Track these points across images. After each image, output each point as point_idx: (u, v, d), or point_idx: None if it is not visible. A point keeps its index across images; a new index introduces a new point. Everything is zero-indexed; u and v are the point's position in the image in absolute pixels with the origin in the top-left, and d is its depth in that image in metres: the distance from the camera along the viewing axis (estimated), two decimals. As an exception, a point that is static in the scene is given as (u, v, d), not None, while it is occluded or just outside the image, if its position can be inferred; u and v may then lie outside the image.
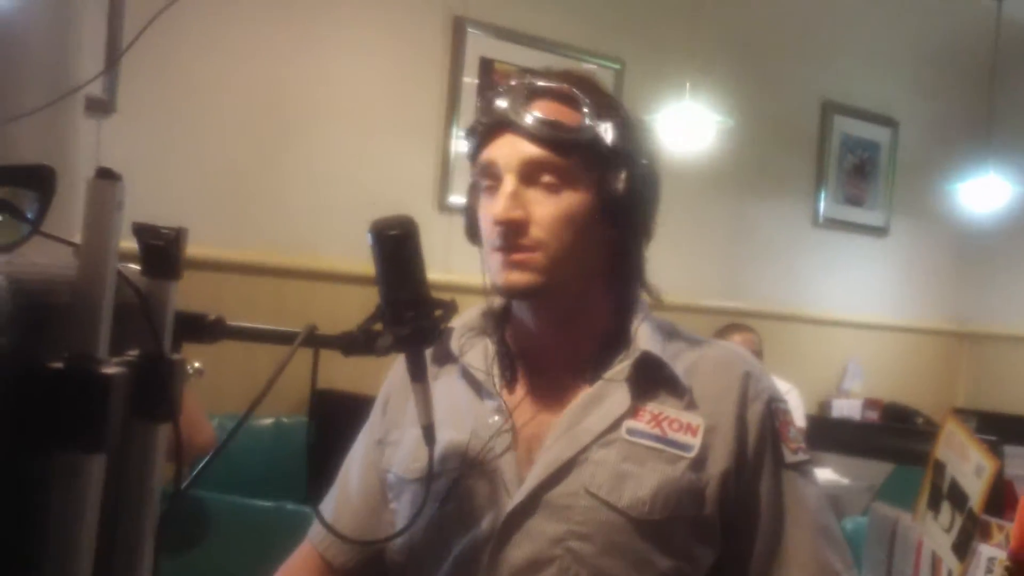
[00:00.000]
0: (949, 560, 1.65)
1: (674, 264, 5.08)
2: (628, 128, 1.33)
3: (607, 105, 1.32)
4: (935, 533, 1.71)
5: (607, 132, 1.30)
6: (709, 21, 5.14)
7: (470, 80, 4.47)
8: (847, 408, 5.77)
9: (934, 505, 1.74)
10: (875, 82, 5.97)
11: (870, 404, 5.83)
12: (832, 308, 5.85)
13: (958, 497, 1.66)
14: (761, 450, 1.32)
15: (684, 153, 4.57)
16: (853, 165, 5.94)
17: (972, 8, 5.79)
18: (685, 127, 4.46)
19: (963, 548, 1.62)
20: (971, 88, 6.24)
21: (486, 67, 4.49)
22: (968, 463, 1.66)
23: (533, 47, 4.58)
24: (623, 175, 1.30)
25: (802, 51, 5.60)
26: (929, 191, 6.04)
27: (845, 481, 4.31)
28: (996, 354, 6.44)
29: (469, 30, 4.48)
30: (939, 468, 1.74)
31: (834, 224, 5.88)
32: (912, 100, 6.12)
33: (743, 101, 5.07)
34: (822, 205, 5.82)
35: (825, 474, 4.33)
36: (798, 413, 4.72)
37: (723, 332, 4.47)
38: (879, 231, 6.09)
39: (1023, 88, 6.29)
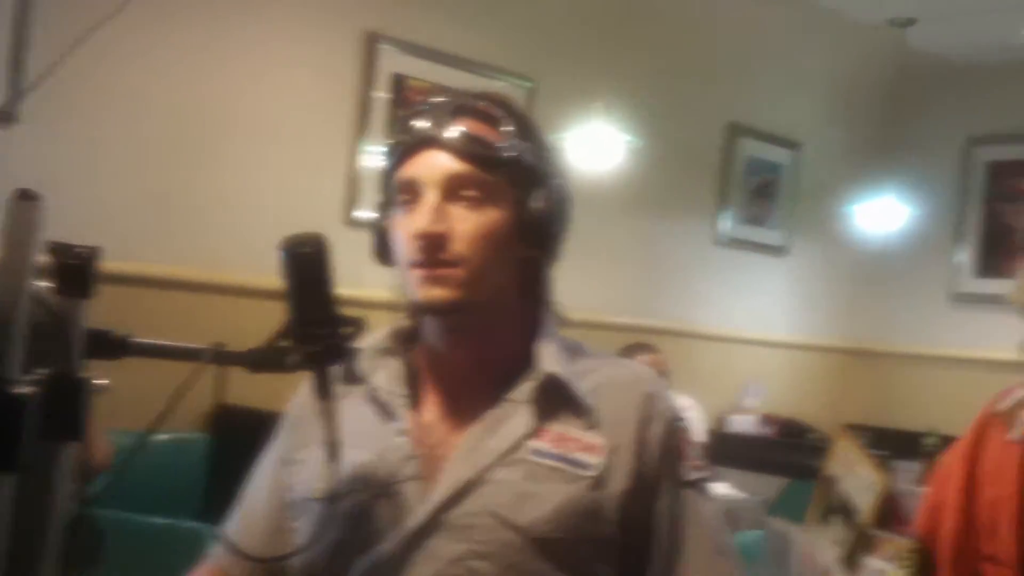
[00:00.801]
0: (838, 572, 1.71)
1: (583, 282, 5.14)
2: (545, 148, 1.36)
3: (526, 125, 1.35)
4: (825, 546, 1.77)
5: (527, 151, 1.32)
6: (620, 42, 5.23)
7: (382, 95, 4.47)
8: (745, 424, 5.88)
9: (825, 519, 1.80)
10: (780, 106, 6.12)
11: (767, 420, 5.96)
12: (733, 326, 5.96)
13: (848, 511, 1.73)
14: (661, 469, 1.35)
15: (593, 172, 4.63)
16: (756, 186, 6.07)
17: (877, 36, 5.97)
18: (595, 146, 4.52)
19: (852, 561, 1.68)
20: (873, 113, 6.43)
21: (399, 83, 4.50)
22: (858, 478, 1.72)
23: (446, 64, 4.60)
24: (541, 194, 1.33)
25: (710, 74, 5.71)
26: (828, 212, 6.20)
27: (741, 495, 4.39)
28: (889, 372, 6.63)
29: (381, 46, 4.48)
30: (830, 483, 1.80)
31: (736, 243, 6.00)
32: (815, 124, 6.28)
33: (651, 122, 5.16)
34: (725, 224, 5.94)
35: (722, 488, 4.41)
36: (699, 429, 4.80)
37: (629, 351, 4.52)
38: (779, 250, 6.23)
39: (923, 114, 6.49)
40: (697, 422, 4.81)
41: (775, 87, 6.05)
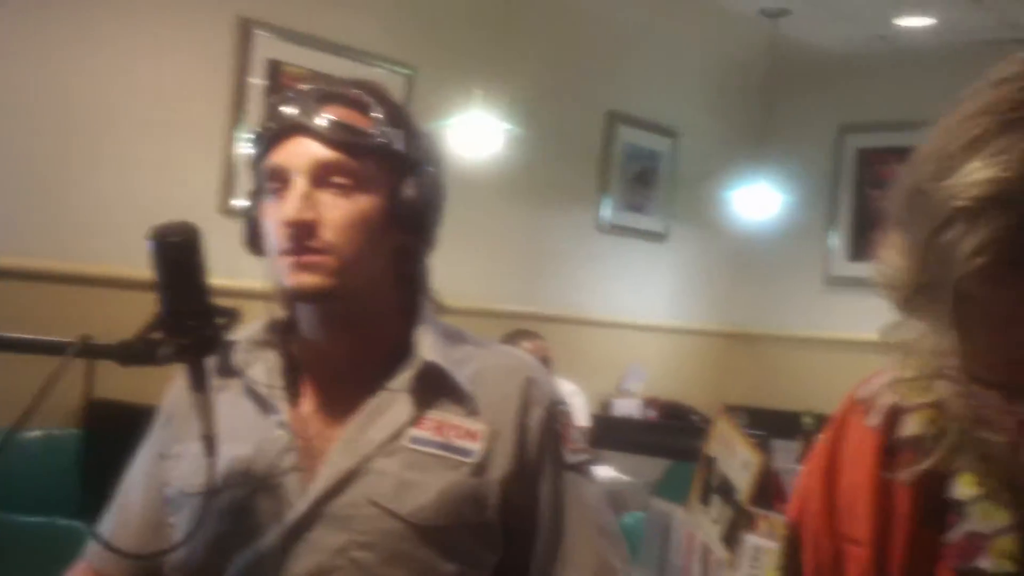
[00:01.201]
0: (719, 551, 1.74)
1: (466, 270, 5.15)
2: (417, 136, 1.35)
3: (397, 113, 1.34)
4: (706, 525, 1.81)
5: (398, 138, 1.31)
6: (500, 31, 5.23)
7: (258, 82, 4.39)
8: (628, 407, 5.97)
9: (705, 499, 1.83)
10: (657, 94, 6.21)
11: (650, 403, 6.05)
12: (615, 311, 6.04)
13: (727, 490, 1.76)
14: (542, 453, 1.36)
15: (474, 160, 4.62)
16: (635, 173, 6.15)
17: (748, 26, 6.09)
18: (475, 134, 4.52)
19: (731, 539, 1.71)
20: (747, 101, 6.57)
21: (275, 70, 4.43)
22: (736, 458, 1.76)
23: (323, 50, 4.54)
24: (413, 181, 1.32)
25: (589, 62, 5.76)
26: (706, 199, 6.32)
27: (625, 478, 4.46)
28: (768, 354, 6.79)
29: (256, 32, 4.40)
30: (710, 463, 1.84)
31: (617, 230, 6.07)
32: (692, 112, 6.39)
33: (532, 110, 5.18)
34: (606, 211, 6.00)
35: (606, 472, 4.47)
36: (582, 413, 4.85)
37: (512, 339, 4.54)
38: (659, 237, 6.33)
39: (795, 102, 6.66)
40: (581, 407, 4.86)
41: (653, 76, 6.14)
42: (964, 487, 0.77)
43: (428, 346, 1.35)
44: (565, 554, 1.36)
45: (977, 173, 0.57)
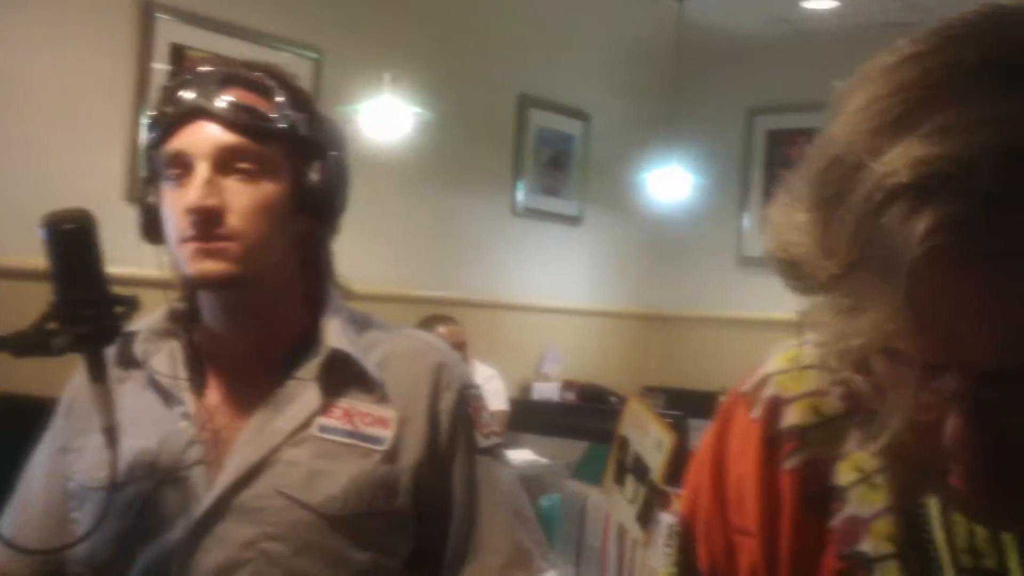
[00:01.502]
0: (634, 530, 1.75)
1: (379, 255, 5.12)
2: (320, 120, 1.32)
3: (300, 96, 1.31)
4: (621, 505, 1.81)
5: (302, 123, 1.29)
6: (407, 13, 5.19)
7: (160, 67, 4.29)
8: (547, 391, 5.99)
9: (620, 479, 1.84)
10: (568, 77, 6.21)
11: (568, 386, 6.08)
12: (532, 295, 6.05)
13: (641, 470, 1.77)
14: (454, 438, 1.35)
15: (385, 144, 4.59)
16: (548, 157, 6.16)
17: (655, 9, 6.13)
18: (384, 119, 4.48)
19: (646, 518, 1.72)
20: (657, 84, 6.61)
21: (177, 54, 4.33)
22: (649, 437, 1.77)
23: (228, 34, 4.45)
24: (318, 166, 1.29)
25: (499, 45, 5.74)
26: (619, 182, 6.35)
27: (544, 460, 4.48)
28: (684, 335, 6.87)
29: (158, 15, 4.30)
30: (624, 444, 1.84)
31: (531, 214, 6.08)
32: (603, 95, 6.41)
33: (442, 94, 5.15)
34: (520, 195, 6.01)
35: (524, 455, 4.48)
36: (501, 397, 4.85)
37: (427, 324, 4.52)
38: (574, 220, 6.35)
39: (704, 84, 6.72)
40: (499, 391, 4.86)
41: (564, 59, 6.14)
42: (844, 472, 0.78)
43: (335, 333, 1.33)
44: (479, 539, 1.35)
45: (916, 150, 0.56)
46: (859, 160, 0.59)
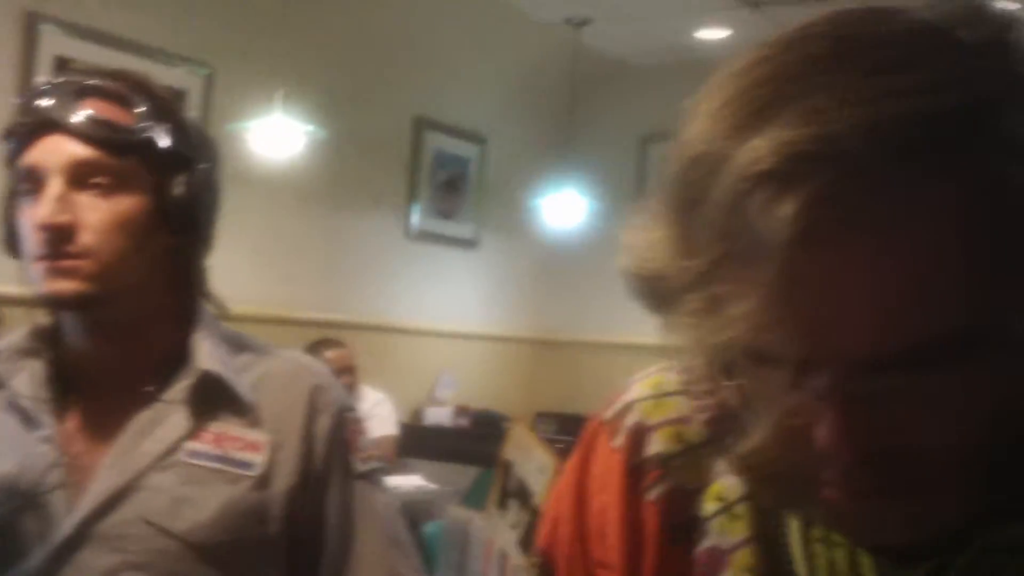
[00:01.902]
0: (515, 555, 1.73)
1: (267, 276, 5.03)
2: (186, 131, 1.27)
3: (163, 106, 1.26)
4: (503, 530, 1.79)
5: (164, 134, 1.24)
6: (301, 30, 5.13)
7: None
8: (439, 416, 5.94)
9: (503, 504, 1.81)
10: (465, 100, 6.21)
11: (461, 411, 6.05)
12: (425, 319, 6.01)
13: (524, 495, 1.75)
14: (329, 463, 1.31)
15: (276, 163, 4.52)
16: (444, 180, 6.14)
17: (552, 34, 6.17)
18: (276, 136, 4.41)
19: (528, 543, 1.70)
20: (553, 109, 6.65)
21: (62, 66, 4.20)
22: (533, 462, 1.75)
23: (116, 48, 4.34)
24: (182, 179, 1.24)
25: (394, 66, 5.71)
26: (515, 206, 6.36)
27: (433, 486, 4.43)
28: (576, 360, 6.89)
29: (43, 27, 4.17)
30: (507, 468, 1.82)
31: (426, 237, 6.05)
32: (499, 119, 6.42)
33: (336, 113, 5.10)
34: (415, 218, 5.97)
35: (414, 480, 4.43)
36: (390, 422, 4.80)
37: (315, 348, 4.46)
38: (469, 244, 6.34)
39: (599, 110, 6.78)
40: (388, 416, 4.81)
41: (460, 82, 6.14)
42: (707, 502, 0.76)
43: (206, 354, 1.28)
44: (354, 567, 1.31)
45: (780, 135, 0.54)
46: (720, 155, 0.57)
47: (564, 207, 6.01)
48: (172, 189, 1.23)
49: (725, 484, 0.75)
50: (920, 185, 0.53)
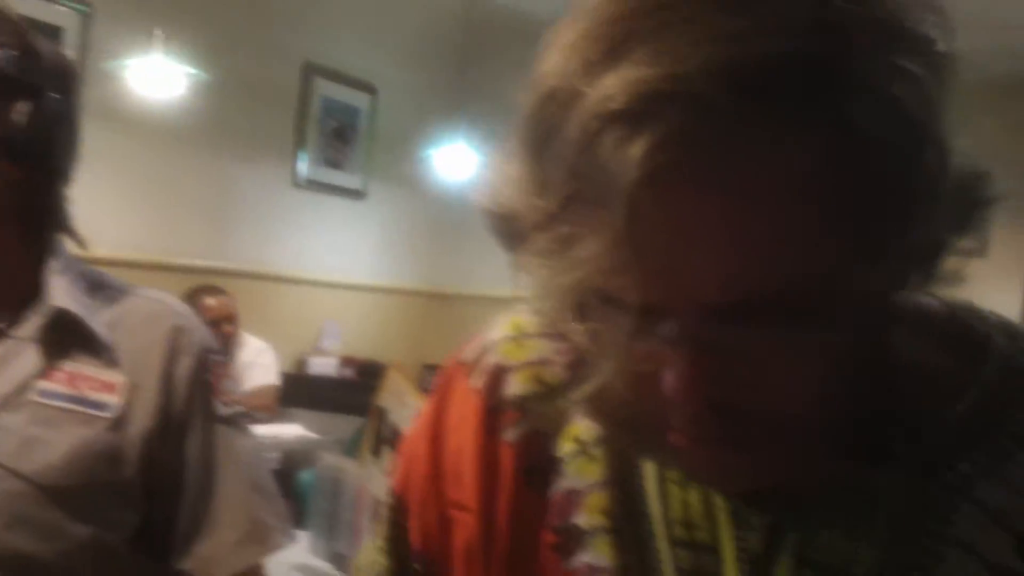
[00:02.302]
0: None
1: (146, 220, 4.90)
2: (35, 59, 1.21)
3: (7, 30, 1.19)
4: (376, 477, 1.78)
5: (4, 61, 1.17)
6: (186, -30, 4.97)
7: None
8: (324, 366, 5.89)
9: (377, 451, 1.80)
10: (356, 48, 6.10)
11: (347, 362, 6.00)
12: (312, 269, 5.93)
13: (398, 442, 1.73)
14: (190, 405, 1.27)
15: (155, 104, 4.38)
16: (333, 128, 6.04)
17: (447, -15, 6.10)
18: (155, 77, 4.28)
19: (400, 490, 1.69)
20: (446, 60, 6.58)
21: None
22: (407, 409, 1.73)
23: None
24: (24, 108, 1.18)
25: (282, 9, 5.58)
26: (405, 157, 6.29)
27: (315, 436, 4.39)
28: (464, 313, 6.88)
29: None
30: (381, 415, 1.81)
31: (314, 186, 5.95)
32: (391, 68, 6.32)
33: (221, 56, 4.97)
34: (302, 166, 5.87)
35: (294, 430, 4.39)
36: (272, 372, 4.74)
37: (194, 294, 4.38)
38: (358, 194, 6.25)
39: (492, 63, 6.72)
40: (270, 365, 4.75)
41: (351, 29, 6.03)
42: (564, 444, 0.75)
43: (61, 291, 1.23)
44: (215, 513, 1.29)
45: (634, 73, 0.52)
46: (573, 91, 0.55)
47: (455, 160, 5.96)
48: (12, 117, 1.17)
49: (582, 426, 0.75)
50: (772, 131, 0.52)
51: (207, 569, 1.28)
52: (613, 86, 0.53)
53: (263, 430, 4.25)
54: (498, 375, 0.78)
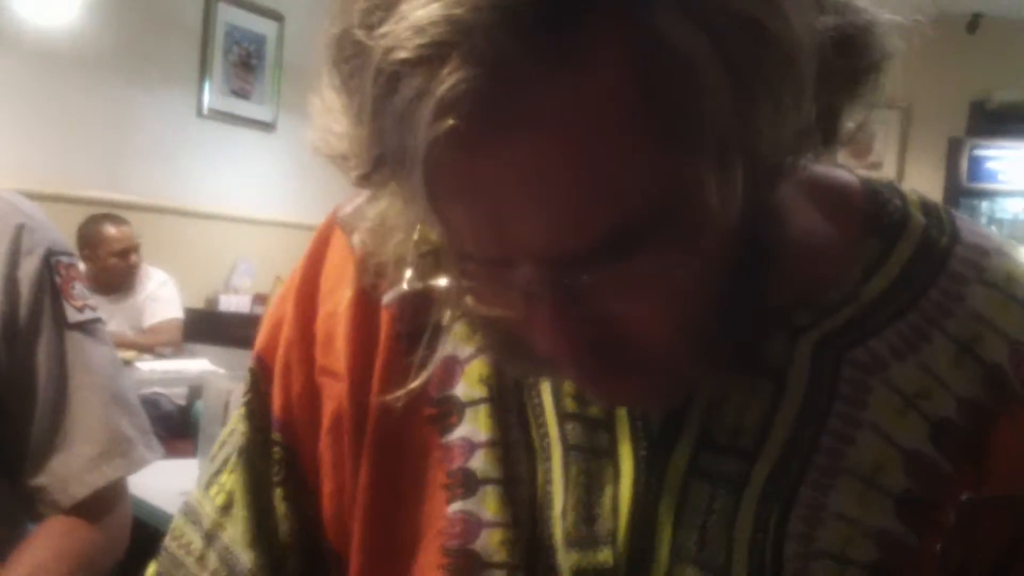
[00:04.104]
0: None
1: (40, 148, 4.70)
2: None
3: None
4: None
5: None
6: None
7: None
8: (236, 303, 5.75)
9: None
10: (262, -26, 5.91)
11: (260, 299, 5.87)
12: (220, 203, 5.76)
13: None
14: (37, 310, 1.18)
15: (48, 27, 4.18)
16: (239, 57, 5.85)
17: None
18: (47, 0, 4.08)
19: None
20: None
21: None
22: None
23: None
24: None
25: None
26: (316, 89, 6.11)
27: (222, 371, 4.29)
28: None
29: None
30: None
31: (220, 117, 5.76)
32: (297, -4, 6.14)
33: (118, -22, 4.76)
34: (207, 96, 5.68)
35: (202, 364, 4.28)
36: (174, 305, 4.62)
37: (95, 222, 4.24)
38: (267, 126, 6.08)
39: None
40: (172, 298, 4.64)
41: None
42: (445, 310, 0.69)
43: None
44: (69, 426, 1.20)
45: (419, 14, 0.47)
46: (360, 31, 0.49)
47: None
48: None
49: None
50: (569, 65, 0.47)
51: (64, 486, 1.19)
52: (398, 33, 0.47)
53: (168, 364, 4.15)
54: (379, 233, 0.70)
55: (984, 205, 6.34)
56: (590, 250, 0.50)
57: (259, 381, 0.76)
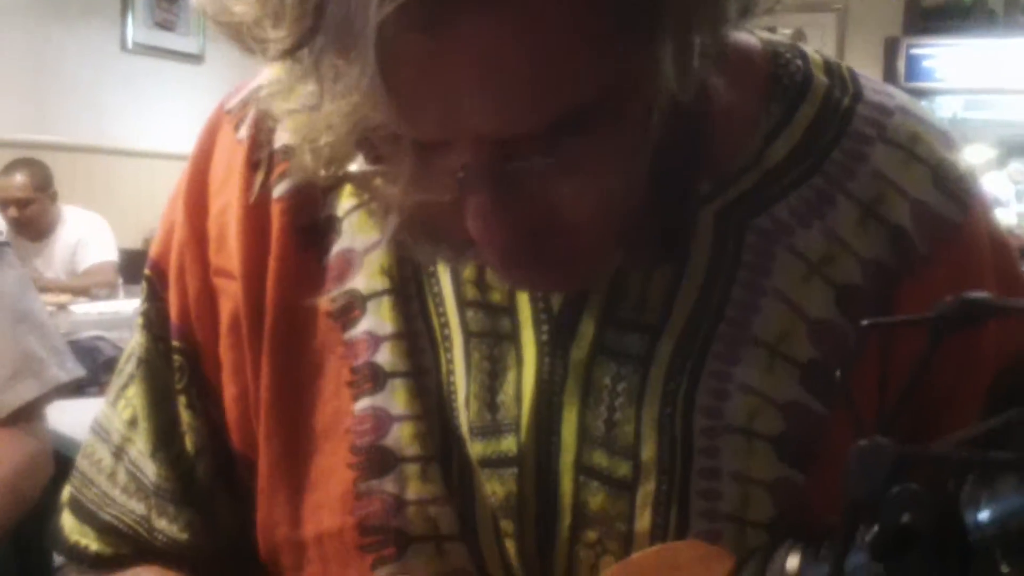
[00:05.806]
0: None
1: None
2: None
3: None
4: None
5: None
6: None
7: None
8: (172, 241, 5.67)
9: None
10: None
11: (198, 237, 5.79)
12: (150, 141, 5.65)
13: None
14: None
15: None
16: (161, -14, 5.70)
17: None
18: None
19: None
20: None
21: None
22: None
23: None
24: None
25: None
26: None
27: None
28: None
29: None
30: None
31: (145, 50, 5.64)
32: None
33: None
34: (130, 29, 5.52)
35: (137, 305, 4.21)
36: (109, 247, 4.56)
37: (8, 169, 4.12)
38: (195, 58, 5.94)
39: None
40: (106, 241, 4.57)
41: None
42: (341, 200, 0.66)
43: None
44: None
45: None
46: None
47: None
48: None
49: None
50: None
51: None
52: None
53: (104, 306, 4.06)
54: (267, 122, 0.67)
55: (923, 104, 6.37)
56: (542, 130, 0.49)
57: (155, 288, 0.72)
